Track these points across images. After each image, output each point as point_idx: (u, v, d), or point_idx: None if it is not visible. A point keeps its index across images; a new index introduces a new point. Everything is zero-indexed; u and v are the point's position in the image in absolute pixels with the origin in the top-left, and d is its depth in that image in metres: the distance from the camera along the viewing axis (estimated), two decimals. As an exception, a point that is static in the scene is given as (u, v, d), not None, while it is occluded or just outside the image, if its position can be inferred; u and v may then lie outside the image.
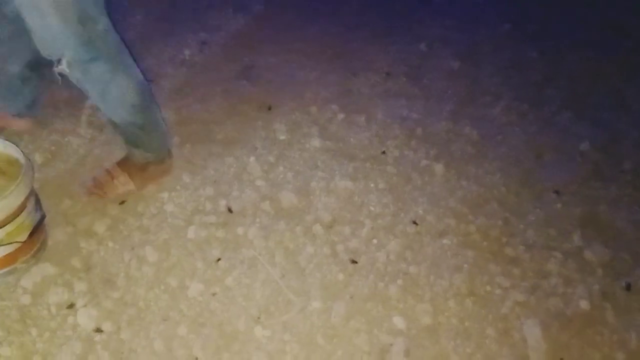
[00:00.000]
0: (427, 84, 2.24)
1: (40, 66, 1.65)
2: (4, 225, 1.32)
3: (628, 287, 1.49)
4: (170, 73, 2.21)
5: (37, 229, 1.43)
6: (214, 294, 1.43)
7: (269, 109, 2.06)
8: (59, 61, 1.35)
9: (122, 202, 1.65)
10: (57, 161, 1.78)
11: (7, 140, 1.47)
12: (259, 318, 1.38)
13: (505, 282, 1.49)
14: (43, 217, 1.46)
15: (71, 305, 1.38)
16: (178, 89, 2.13)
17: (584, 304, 1.43)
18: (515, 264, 1.55)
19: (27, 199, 1.38)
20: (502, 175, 1.82)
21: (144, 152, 1.63)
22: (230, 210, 1.67)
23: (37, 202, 1.46)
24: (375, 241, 1.59)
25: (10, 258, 1.38)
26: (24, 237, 1.38)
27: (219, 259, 1.52)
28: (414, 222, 1.66)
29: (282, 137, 1.94)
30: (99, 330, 1.34)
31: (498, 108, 2.11)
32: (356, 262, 1.53)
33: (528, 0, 2.78)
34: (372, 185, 1.78)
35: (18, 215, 1.35)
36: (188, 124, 1.98)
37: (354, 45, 2.42)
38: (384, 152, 1.90)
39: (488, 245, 1.60)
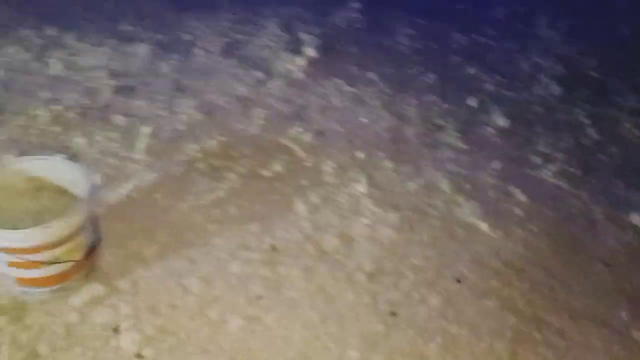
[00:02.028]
0: (476, 140, 2.25)
1: None
2: (62, 244, 1.38)
3: (677, 372, 1.44)
4: (225, 108, 2.28)
5: (93, 250, 1.49)
6: (253, 331, 1.45)
7: (317, 149, 2.10)
8: None
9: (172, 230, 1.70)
10: (114, 184, 1.85)
11: (74, 163, 1.54)
12: (296, 362, 1.38)
13: (548, 353, 1.45)
14: (99, 239, 1.52)
15: (116, 328, 1.42)
16: (232, 123, 2.20)
17: (630, 385, 1.38)
18: (560, 336, 1.52)
19: (87, 219, 1.44)
20: (550, 241, 1.80)
21: None
22: (274, 249, 1.69)
23: (96, 222, 1.52)
24: (416, 295, 1.59)
25: (64, 276, 1.43)
26: (79, 256, 1.44)
27: (260, 297, 1.54)
28: (457, 280, 1.64)
29: (329, 180, 1.97)
30: (139, 355, 1.37)
31: (548, 171, 2.10)
32: (396, 315, 1.53)
33: (583, 64, 2.78)
34: (416, 237, 1.78)
35: (78, 235, 1.41)
36: (238, 157, 2.03)
37: (406, 95, 2.46)
38: (429, 205, 1.90)
39: (532, 312, 1.57)
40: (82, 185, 1.46)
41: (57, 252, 1.37)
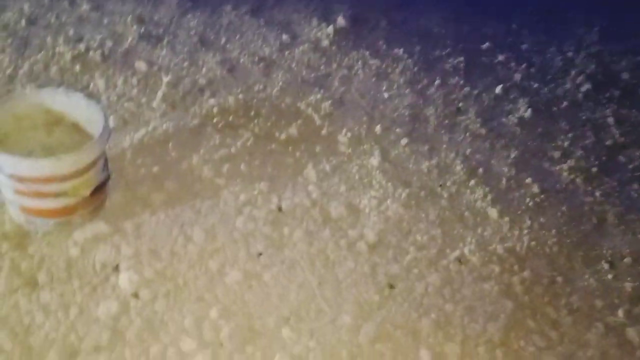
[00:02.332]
0: (496, 127, 2.21)
1: None
2: (72, 178, 1.39)
3: (668, 377, 1.43)
4: (247, 67, 2.26)
5: (101, 188, 1.50)
6: (250, 287, 1.46)
7: (334, 118, 2.09)
8: None
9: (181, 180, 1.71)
10: (128, 129, 1.86)
11: (92, 100, 1.54)
12: (289, 319, 1.39)
13: (541, 342, 1.45)
14: (108, 178, 1.53)
15: (116, 267, 1.44)
16: (252, 83, 2.18)
17: (619, 383, 1.38)
18: (555, 327, 1.51)
19: (99, 157, 1.44)
20: (557, 234, 1.78)
21: None
22: (280, 209, 1.69)
23: (106, 162, 1.53)
24: (416, 271, 1.58)
25: (70, 209, 1.45)
26: (87, 192, 1.45)
27: (260, 254, 1.54)
28: (459, 261, 1.64)
29: (343, 149, 1.96)
30: (136, 295, 1.39)
31: (565, 165, 2.06)
32: (393, 287, 1.53)
33: (615, 64, 2.71)
34: (423, 215, 1.77)
35: (87, 171, 1.42)
36: (255, 117, 2.02)
37: (432, 74, 2.42)
38: (440, 186, 1.89)
39: (529, 301, 1.57)
40: (97, 124, 1.47)
41: (66, 185, 1.38)
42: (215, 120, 1.97)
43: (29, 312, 1.33)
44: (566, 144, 2.19)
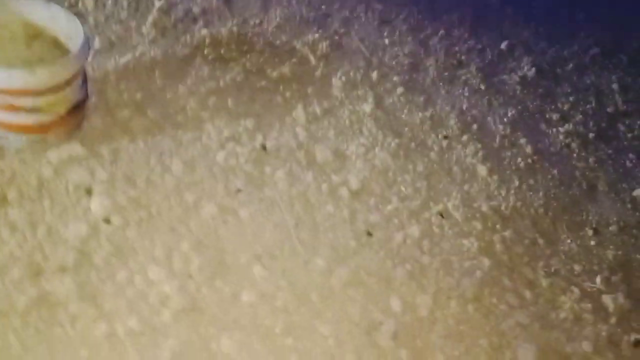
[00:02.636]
0: (496, 84, 2.14)
1: None
2: (47, 94, 1.33)
3: (636, 344, 1.42)
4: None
5: (78, 107, 1.44)
6: (225, 222, 1.43)
7: (330, 60, 2.01)
8: None
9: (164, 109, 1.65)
10: (114, 52, 1.78)
11: (73, 14, 1.46)
12: (261, 257, 1.37)
13: (514, 301, 1.44)
14: (86, 98, 1.47)
15: (89, 189, 1.40)
16: (249, 16, 2.09)
17: (587, 346, 1.37)
18: (530, 287, 1.49)
19: (76, 74, 1.38)
20: (545, 197, 1.74)
21: None
22: (264, 148, 1.64)
23: (85, 82, 1.46)
24: (396, 221, 1.55)
25: (45, 127, 1.40)
26: (62, 110, 1.39)
27: (239, 190, 1.51)
28: (441, 215, 1.61)
29: (336, 93, 1.90)
30: (107, 221, 1.36)
31: (562, 129, 2.01)
32: (371, 235, 1.50)
33: (627, 31, 2.61)
34: (410, 166, 1.72)
35: (63, 88, 1.36)
36: (247, 52, 1.94)
37: (436, 24, 2.32)
38: (432, 138, 1.84)
39: (508, 260, 1.55)
40: (76, 40, 1.40)
41: (39, 101, 1.33)
42: (205, 51, 1.89)
43: (-5, 227, 1.30)
44: (566, 107, 2.12)
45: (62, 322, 1.19)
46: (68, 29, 1.45)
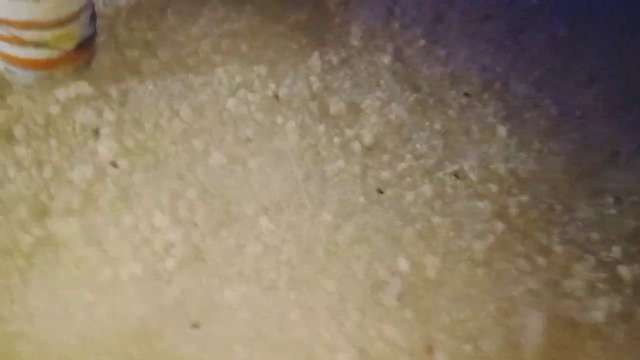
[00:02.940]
0: (523, 40, 2.03)
1: None
2: (53, 27, 1.28)
3: (650, 318, 1.39)
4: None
5: (86, 44, 1.40)
6: (233, 171, 1.39)
7: (350, 6, 1.91)
8: None
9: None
10: (126, -12, 1.71)
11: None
12: (267, 209, 1.34)
13: (526, 267, 1.40)
14: (94, 35, 1.42)
15: (96, 131, 1.37)
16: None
17: (598, 316, 1.33)
18: (543, 253, 1.45)
19: (83, 8, 1.33)
20: (566, 161, 1.67)
21: None
22: (276, 97, 1.59)
23: (93, 18, 1.41)
24: (408, 179, 1.51)
25: (52, 63, 1.36)
26: (70, 46, 1.35)
27: (249, 139, 1.46)
28: (455, 175, 1.55)
29: (354, 42, 1.81)
30: (114, 164, 1.33)
31: (590, 91, 1.91)
32: (382, 193, 1.46)
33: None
34: (427, 123, 1.66)
35: (70, 22, 1.31)
36: (265, -5, 1.85)
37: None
38: (451, 95, 1.76)
39: (522, 224, 1.50)
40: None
41: (46, 34, 1.28)
42: (221, -9, 1.81)
43: (1, 164, 1.28)
44: (595, 68, 2.01)
45: (67, 264, 1.18)
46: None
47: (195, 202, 1.31)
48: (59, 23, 1.27)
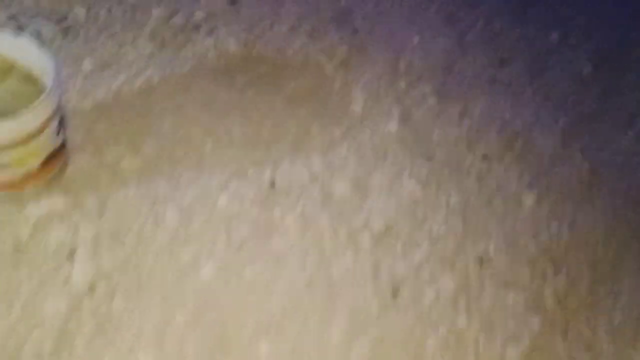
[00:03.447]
0: (544, 83, 1.84)
1: None
2: (14, 148, 1.15)
3: None
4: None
5: (55, 156, 1.26)
6: (226, 284, 1.24)
7: (351, 67, 1.76)
8: None
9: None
10: (105, 74, 1.58)
11: (44, 46, 1.27)
12: (267, 330, 1.18)
13: (570, 374, 1.21)
14: (64, 144, 1.28)
15: (71, 254, 1.23)
16: (256, 18, 1.84)
17: None
18: (590, 350, 1.25)
19: (48, 121, 1.19)
20: (606, 229, 1.48)
21: None
22: (272, 185, 1.43)
23: (62, 123, 1.27)
24: (426, 272, 1.33)
25: (18, 183, 1.23)
26: (36, 163, 1.22)
27: (244, 242, 1.31)
28: (480, 261, 1.37)
29: (357, 109, 1.65)
30: (91, 289, 1.19)
31: (629, 134, 1.70)
32: (397, 293, 1.28)
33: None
34: (443, 198, 1.48)
35: (34, 139, 1.17)
36: (256, 65, 1.71)
37: (472, 15, 2.02)
38: (468, 160, 1.58)
39: (562, 316, 1.31)
40: (50, 77, 1.20)
41: (6, 157, 1.15)
42: (209, 65, 1.67)
43: (-33, 303, 1.15)
44: (632, 105, 1.81)
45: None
46: (41, 64, 1.25)
47: (184, 331, 1.16)
48: (21, 141, 1.14)
